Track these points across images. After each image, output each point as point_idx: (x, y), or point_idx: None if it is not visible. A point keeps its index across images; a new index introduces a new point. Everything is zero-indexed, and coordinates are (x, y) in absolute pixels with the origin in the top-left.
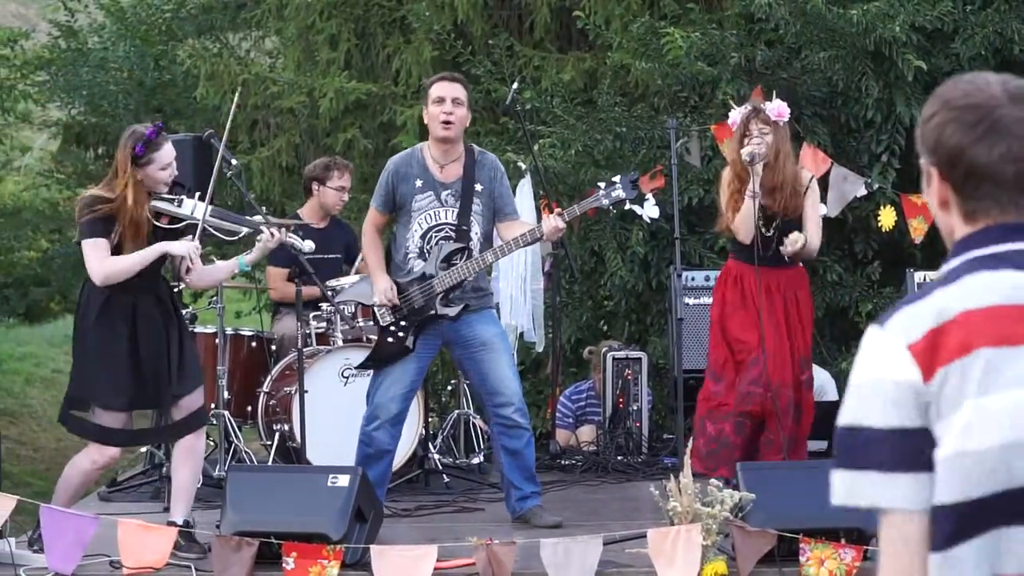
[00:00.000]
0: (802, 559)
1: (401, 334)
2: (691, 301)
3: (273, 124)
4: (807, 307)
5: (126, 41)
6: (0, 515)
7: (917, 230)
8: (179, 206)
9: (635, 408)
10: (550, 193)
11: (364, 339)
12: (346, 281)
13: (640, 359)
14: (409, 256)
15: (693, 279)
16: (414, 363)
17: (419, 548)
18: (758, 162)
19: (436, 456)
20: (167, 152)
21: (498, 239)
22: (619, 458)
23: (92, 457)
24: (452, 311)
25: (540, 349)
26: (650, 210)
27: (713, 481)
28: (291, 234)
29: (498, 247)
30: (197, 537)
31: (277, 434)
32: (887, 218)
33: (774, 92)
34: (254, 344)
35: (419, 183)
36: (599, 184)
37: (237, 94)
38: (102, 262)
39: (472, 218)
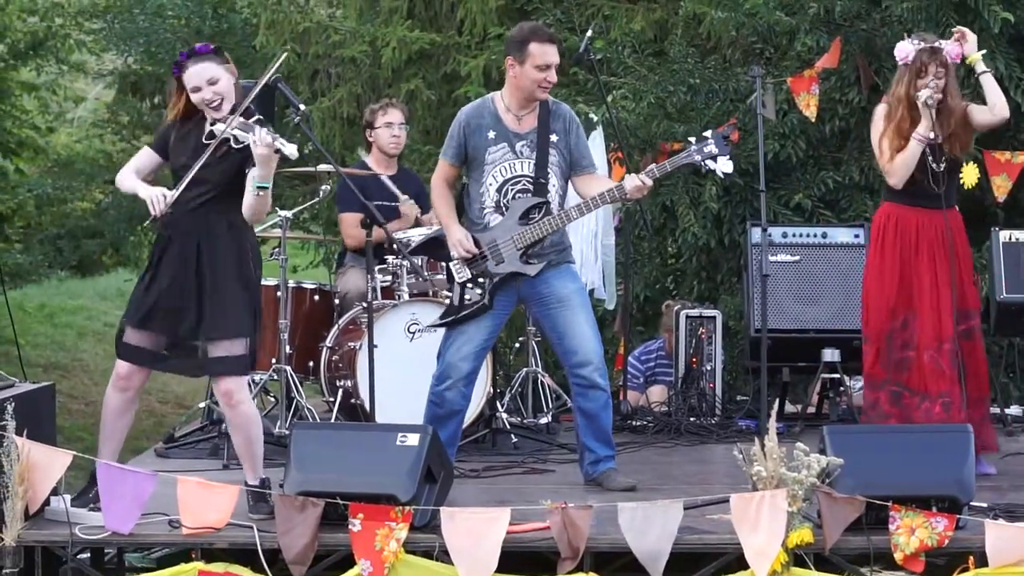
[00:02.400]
0: (891, 528)
1: (479, 291)
2: (771, 258)
3: (334, 74)
4: (967, 249)
5: None
6: (55, 472)
7: (1001, 188)
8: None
9: (708, 368)
10: (623, 146)
11: (431, 293)
12: (414, 233)
13: (714, 318)
14: (485, 210)
15: (771, 235)
16: (489, 321)
17: (491, 511)
18: (934, 106)
19: (504, 415)
20: (193, 73)
21: (576, 194)
22: (691, 420)
23: (111, 381)
24: (533, 269)
25: (611, 307)
26: (724, 165)
27: (799, 445)
28: (279, 139)
29: (582, 204)
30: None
31: (340, 391)
32: (970, 175)
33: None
34: (317, 298)
35: (492, 134)
36: (689, 139)
37: (283, 55)
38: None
39: (549, 170)
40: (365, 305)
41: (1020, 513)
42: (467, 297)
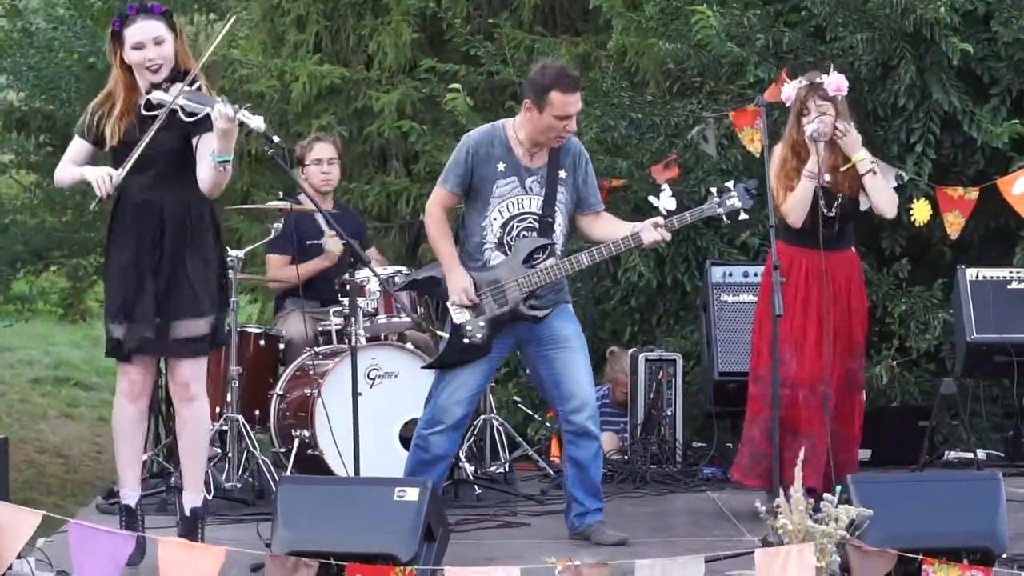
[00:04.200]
0: None
1: (479, 335)
2: (729, 298)
3: None
4: (861, 294)
5: (76, 21)
6: (23, 533)
7: (953, 225)
8: (166, 91)
9: (668, 414)
10: None
11: (383, 337)
12: (366, 273)
13: (674, 361)
14: (486, 247)
15: (731, 275)
16: (485, 364)
17: (499, 569)
18: (821, 140)
19: (466, 465)
20: (138, 29)
21: (583, 234)
22: (653, 467)
23: (120, 393)
24: (540, 313)
25: None
26: (666, 202)
27: (827, 496)
28: (243, 110)
29: (595, 250)
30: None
31: (296, 440)
32: (921, 212)
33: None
34: (262, 342)
35: (502, 166)
36: (711, 191)
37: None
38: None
39: (557, 208)
40: (315, 351)
41: None
42: (465, 339)
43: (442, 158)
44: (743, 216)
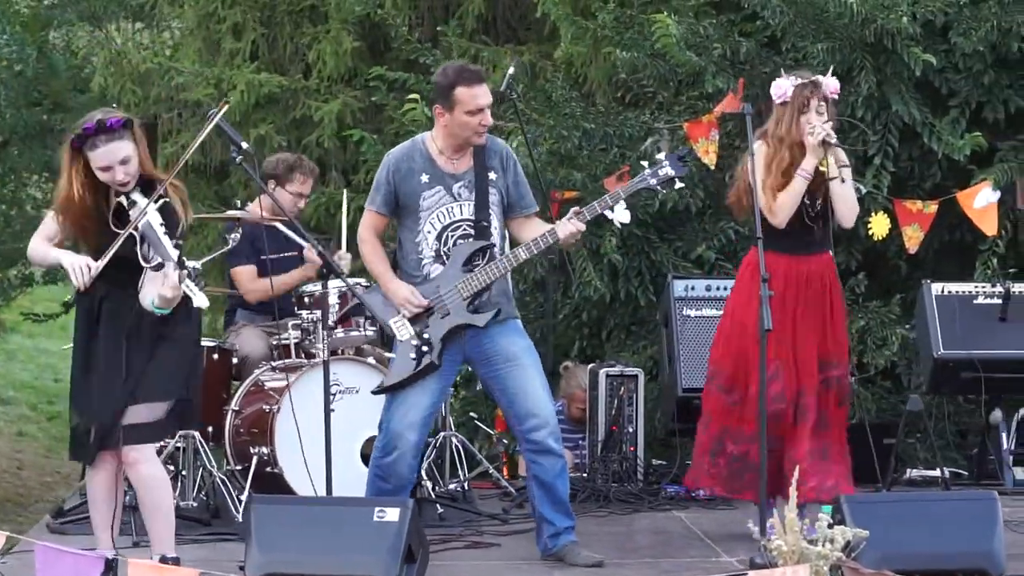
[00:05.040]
0: None
1: (425, 348)
2: (692, 313)
3: (176, 118)
4: (840, 296)
5: (5, 28)
6: None
7: (912, 239)
8: (131, 207)
9: (630, 431)
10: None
11: (340, 351)
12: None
13: (636, 376)
14: (424, 261)
15: (693, 288)
16: (435, 383)
17: None
18: (832, 142)
19: (428, 484)
20: (104, 153)
21: (514, 238)
22: (614, 486)
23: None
24: (482, 319)
25: None
26: (621, 215)
27: (822, 516)
28: (188, 282)
29: (524, 246)
30: None
31: (255, 458)
32: (879, 226)
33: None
34: (215, 356)
35: (425, 178)
36: (642, 164)
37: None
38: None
39: (490, 211)
40: (272, 365)
41: None
42: (411, 356)
43: None
44: (678, 184)
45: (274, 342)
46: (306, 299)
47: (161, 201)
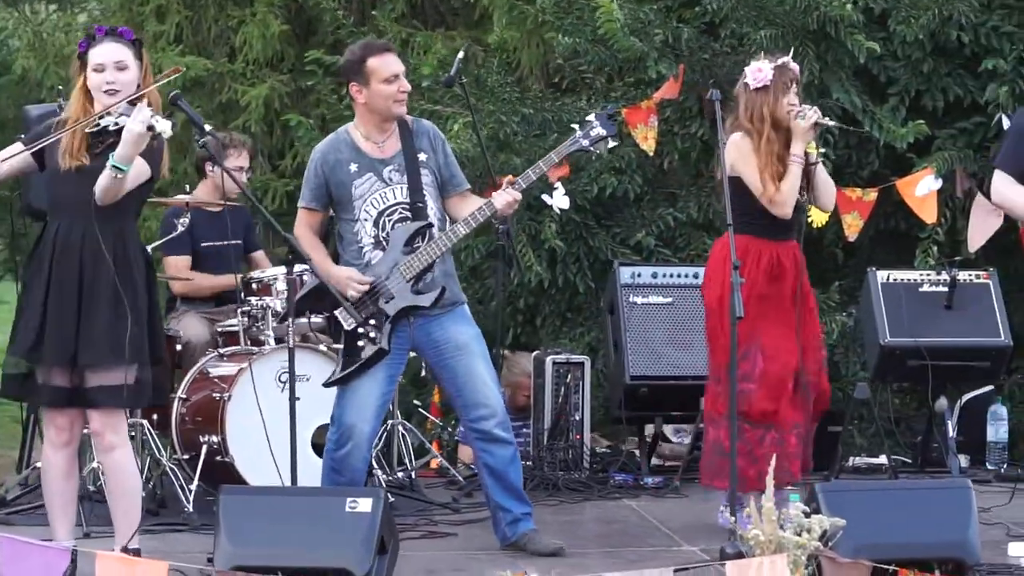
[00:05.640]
0: None
1: (372, 334)
2: (639, 300)
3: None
4: (806, 281)
5: None
6: None
7: (852, 227)
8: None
9: (576, 419)
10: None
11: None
12: (272, 272)
13: (582, 364)
14: (364, 249)
15: (639, 275)
16: (383, 372)
17: None
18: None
19: (379, 473)
20: (103, 51)
21: (452, 217)
22: (561, 474)
23: (46, 439)
24: (426, 299)
25: None
26: (560, 200)
27: (799, 505)
28: (155, 114)
29: (463, 221)
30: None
31: (204, 447)
32: (819, 214)
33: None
34: None
35: (354, 167)
36: (572, 126)
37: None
38: None
39: (424, 191)
40: (220, 352)
41: None
42: (360, 343)
43: None
44: (611, 144)
45: (218, 329)
46: (253, 285)
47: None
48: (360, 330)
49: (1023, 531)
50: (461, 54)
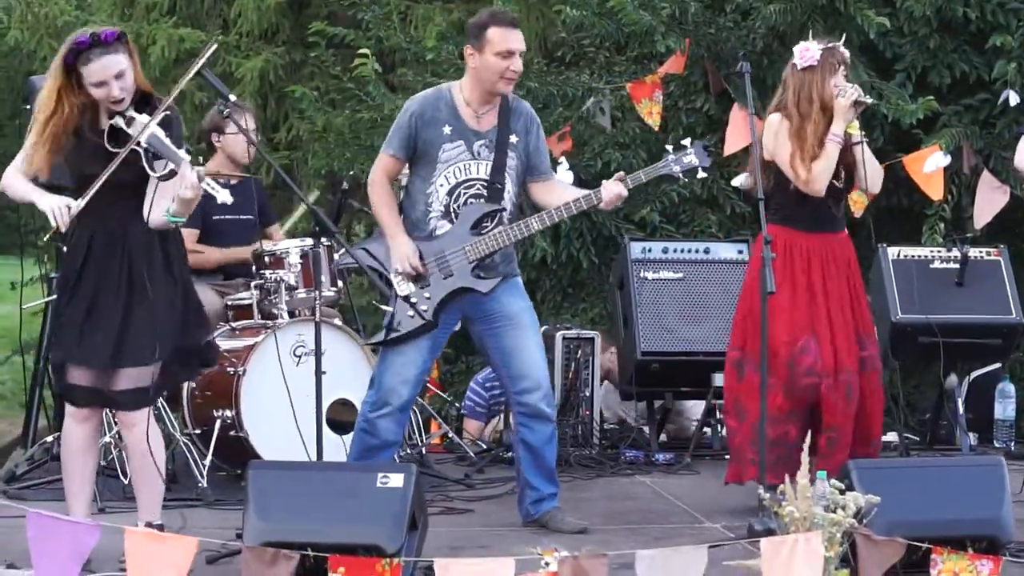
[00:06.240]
0: (932, 572)
1: (424, 307)
2: (650, 275)
3: None
4: (859, 274)
5: None
6: None
7: (858, 203)
8: (129, 124)
9: (586, 395)
10: None
11: (299, 312)
12: (285, 245)
13: (592, 339)
14: (431, 215)
15: (650, 250)
16: (429, 341)
17: (491, 561)
18: (868, 102)
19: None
20: (99, 67)
21: (534, 202)
22: (572, 450)
23: (68, 413)
24: (485, 285)
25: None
26: (563, 175)
27: (833, 482)
28: (209, 180)
29: (546, 214)
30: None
31: (218, 421)
32: (859, 200)
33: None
34: None
35: (448, 129)
36: (667, 148)
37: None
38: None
39: (507, 174)
40: (232, 327)
41: None
42: (410, 313)
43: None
44: (701, 174)
45: (228, 302)
46: (266, 258)
47: (163, 115)
48: (412, 299)
49: None
50: None
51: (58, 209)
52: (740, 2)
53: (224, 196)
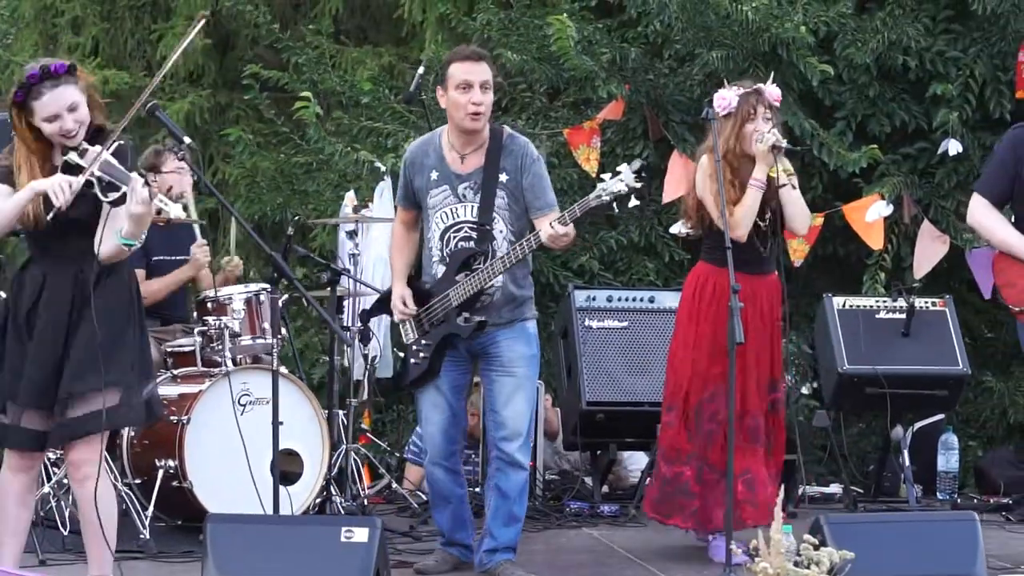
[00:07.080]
0: None
1: (423, 354)
2: (595, 324)
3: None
4: (779, 317)
5: None
6: None
7: (797, 251)
8: (82, 156)
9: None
10: None
11: (240, 360)
12: (228, 291)
13: (537, 388)
14: (432, 260)
15: (595, 299)
16: (446, 384)
17: None
18: (782, 150)
19: (339, 499)
20: (50, 100)
21: None
22: None
23: (5, 462)
24: (466, 329)
25: (388, 374)
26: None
27: (807, 537)
28: (161, 195)
29: (505, 255)
30: None
31: (160, 471)
32: (799, 248)
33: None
34: None
35: (435, 175)
36: (601, 177)
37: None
38: None
39: (495, 214)
40: (173, 374)
41: None
42: (413, 361)
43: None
44: (633, 202)
45: (167, 349)
46: (209, 304)
47: (115, 145)
48: (415, 347)
49: (1002, 563)
50: (422, 69)
51: (59, 186)
52: (679, 48)
53: (177, 210)
